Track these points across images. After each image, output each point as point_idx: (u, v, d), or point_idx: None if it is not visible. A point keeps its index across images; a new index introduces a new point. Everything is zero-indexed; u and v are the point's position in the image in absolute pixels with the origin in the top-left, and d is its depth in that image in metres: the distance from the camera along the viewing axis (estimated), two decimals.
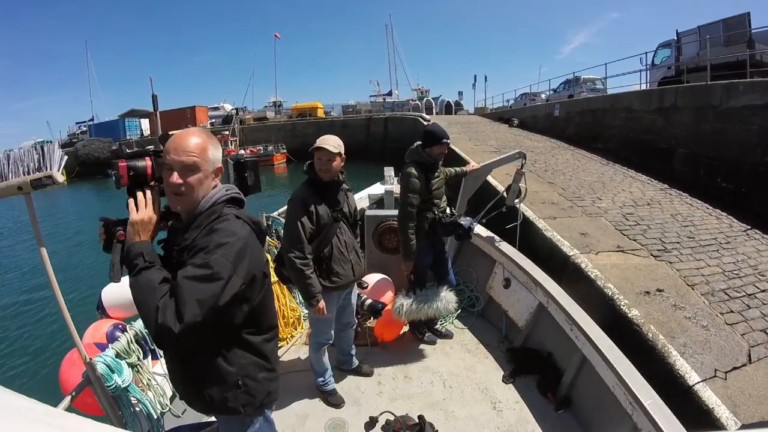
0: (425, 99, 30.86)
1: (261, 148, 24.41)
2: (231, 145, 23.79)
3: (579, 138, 11.15)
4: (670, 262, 3.82)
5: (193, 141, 1.11)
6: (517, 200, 3.25)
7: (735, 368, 2.48)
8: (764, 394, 2.28)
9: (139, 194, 1.11)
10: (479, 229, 3.47)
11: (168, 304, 0.97)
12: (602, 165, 8.39)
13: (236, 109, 34.57)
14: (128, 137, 31.97)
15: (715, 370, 2.45)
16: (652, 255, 3.97)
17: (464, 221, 2.68)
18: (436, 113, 27.15)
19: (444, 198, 2.78)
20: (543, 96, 20.01)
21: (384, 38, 44.20)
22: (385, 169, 5.28)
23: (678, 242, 4.31)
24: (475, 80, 30.79)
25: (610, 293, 3.15)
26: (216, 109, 36.75)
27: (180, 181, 1.09)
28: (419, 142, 2.71)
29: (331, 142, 2.07)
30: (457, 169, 3.13)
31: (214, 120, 33.79)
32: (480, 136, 12.47)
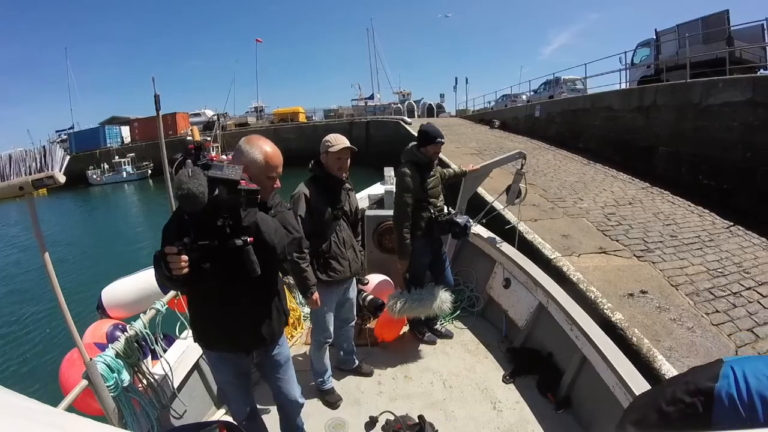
0: (407, 102, 30.88)
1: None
2: (213, 151, 23.80)
3: (560, 138, 11.17)
4: (654, 262, 3.79)
5: None
6: (517, 200, 3.26)
7: None
8: None
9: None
10: (479, 230, 3.48)
11: (288, 228, 1.50)
12: (583, 165, 8.40)
13: (217, 115, 34.18)
14: (109, 145, 31.69)
15: None
16: (635, 255, 3.94)
17: (461, 219, 2.68)
18: (418, 116, 27.16)
19: (441, 197, 2.78)
20: (524, 97, 20.00)
21: (365, 42, 44.20)
22: (385, 169, 5.29)
23: (661, 241, 4.28)
24: (456, 83, 30.80)
25: (593, 297, 3.10)
26: (197, 115, 36.23)
27: (279, 185, 1.56)
28: (414, 143, 2.72)
29: (347, 140, 2.12)
30: (457, 169, 3.14)
31: (194, 126, 33.56)
32: (461, 138, 12.47)
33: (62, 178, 1.18)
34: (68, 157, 1.25)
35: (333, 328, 2.41)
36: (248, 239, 1.30)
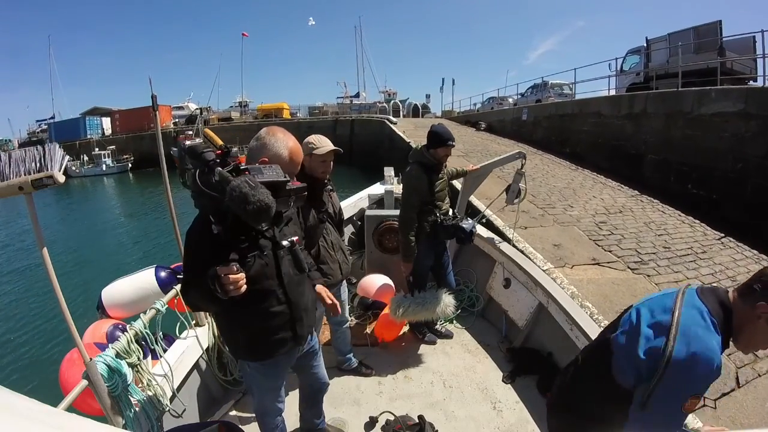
0: (392, 101, 30.89)
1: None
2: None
3: (547, 142, 11.19)
4: (648, 275, 3.70)
5: None
6: (516, 200, 3.26)
7: (724, 394, 2.31)
8: (755, 422, 2.17)
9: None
10: (480, 230, 3.48)
11: None
12: (571, 170, 8.31)
13: (200, 108, 34.16)
14: (89, 136, 31.41)
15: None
16: (629, 268, 3.85)
17: (466, 224, 2.66)
18: (404, 116, 27.12)
19: (447, 200, 2.76)
20: (510, 100, 20.00)
21: (353, 40, 44.24)
22: (385, 169, 5.30)
23: (654, 253, 4.21)
24: (443, 83, 30.69)
25: (588, 313, 2.93)
26: (180, 108, 36.25)
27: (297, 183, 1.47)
28: (424, 144, 2.69)
29: (331, 142, 2.08)
30: (458, 168, 3.13)
31: (177, 120, 33.27)
32: None
33: (62, 178, 1.18)
34: (68, 157, 1.25)
35: (329, 330, 2.42)
36: (294, 239, 1.32)
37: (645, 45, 10.89)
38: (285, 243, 1.29)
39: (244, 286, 1.13)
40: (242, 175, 1.12)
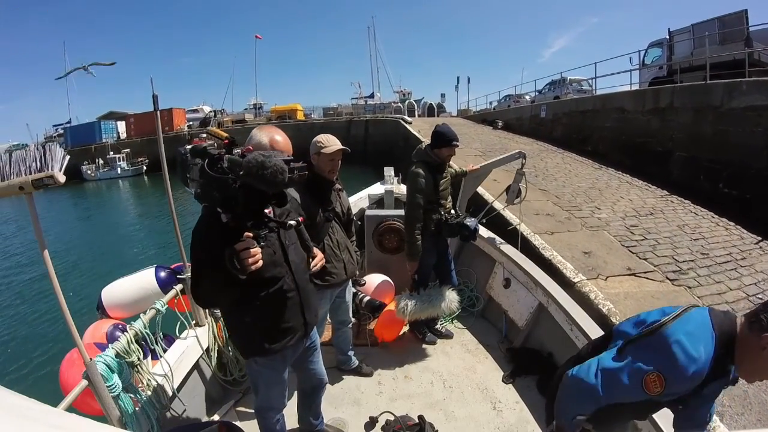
0: (407, 101, 30.90)
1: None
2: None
3: (567, 140, 10.83)
4: (689, 287, 3.39)
5: None
6: (517, 200, 3.26)
7: None
8: None
9: None
10: (480, 230, 3.48)
11: None
12: (595, 169, 7.98)
13: (214, 111, 34.41)
14: (104, 140, 31.67)
15: None
16: (668, 278, 3.54)
17: (470, 222, 2.68)
18: (419, 115, 26.97)
19: (450, 199, 2.78)
20: (527, 97, 19.77)
21: (366, 40, 44.27)
22: (385, 168, 5.30)
23: (692, 260, 3.91)
24: (458, 82, 30.76)
25: None
26: (195, 111, 36.58)
27: None
28: (428, 143, 2.70)
29: (339, 142, 2.09)
30: (458, 169, 3.13)
31: (191, 123, 33.47)
32: (463, 138, 12.21)
33: (62, 178, 1.18)
34: (68, 157, 1.25)
35: (331, 329, 2.41)
36: (299, 218, 1.41)
37: (667, 37, 10.43)
38: (291, 222, 1.36)
39: (261, 261, 1.21)
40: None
